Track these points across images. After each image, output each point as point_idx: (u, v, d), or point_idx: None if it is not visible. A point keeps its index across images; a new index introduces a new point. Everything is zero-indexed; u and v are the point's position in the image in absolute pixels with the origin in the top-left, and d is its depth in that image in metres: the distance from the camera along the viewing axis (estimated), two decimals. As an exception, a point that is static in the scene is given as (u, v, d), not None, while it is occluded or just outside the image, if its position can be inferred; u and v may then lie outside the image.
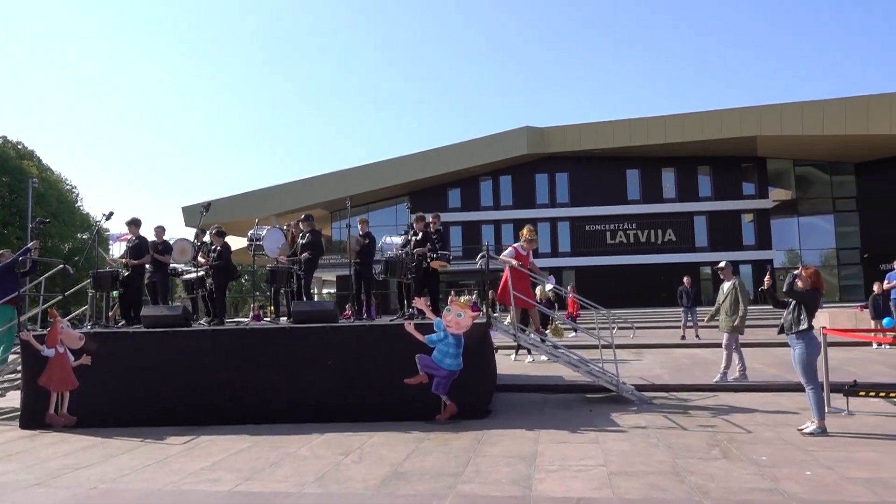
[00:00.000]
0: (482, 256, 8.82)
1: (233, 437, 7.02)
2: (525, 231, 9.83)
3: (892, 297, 13.98)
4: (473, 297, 17.57)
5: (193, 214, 39.79)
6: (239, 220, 36.06)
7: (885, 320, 12.26)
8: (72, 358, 7.89)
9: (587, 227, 39.22)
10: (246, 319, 16.59)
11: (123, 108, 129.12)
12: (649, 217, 38.74)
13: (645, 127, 36.56)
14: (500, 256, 9.33)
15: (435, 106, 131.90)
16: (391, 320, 8.89)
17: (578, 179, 39.67)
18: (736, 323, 9.53)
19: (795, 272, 6.67)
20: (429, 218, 10.25)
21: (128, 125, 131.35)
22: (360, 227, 10.61)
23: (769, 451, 5.72)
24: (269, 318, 10.77)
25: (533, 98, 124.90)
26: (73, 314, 10.91)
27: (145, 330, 8.22)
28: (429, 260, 9.50)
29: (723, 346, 9.66)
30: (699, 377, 10.07)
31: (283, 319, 10.12)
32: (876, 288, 14.35)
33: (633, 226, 38.90)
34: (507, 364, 12.75)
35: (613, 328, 9.03)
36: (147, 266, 9.75)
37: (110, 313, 11.21)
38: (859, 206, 38.56)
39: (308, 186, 39.47)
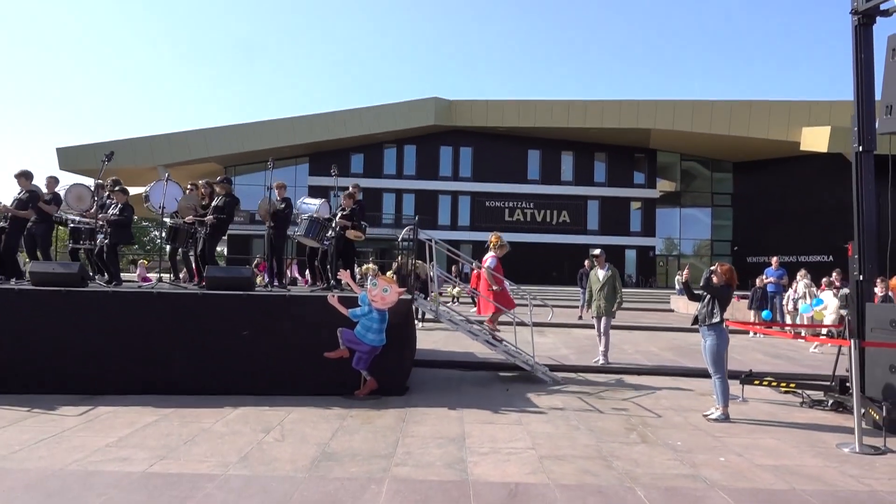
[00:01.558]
0: (410, 230, 8.64)
1: (136, 409, 6.49)
2: (494, 238, 9.86)
3: (768, 290, 15.29)
4: (373, 266, 17.31)
5: (71, 156, 36.45)
6: (123, 169, 33.42)
7: (764, 313, 13.43)
8: (-57, 315, 6.96)
9: (487, 203, 39.91)
10: (133, 277, 15.46)
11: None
12: (547, 198, 40.01)
13: (549, 109, 37.45)
14: (484, 267, 9.43)
15: (342, 68, 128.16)
16: (311, 291, 8.54)
17: (482, 155, 40.18)
18: (614, 308, 10.15)
19: (712, 268, 7.04)
20: (350, 189, 9.87)
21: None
22: (277, 191, 10.03)
23: (682, 436, 6.06)
24: (169, 280, 10.00)
25: (442, 69, 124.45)
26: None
27: (33, 288, 7.38)
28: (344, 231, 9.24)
29: (601, 330, 10.19)
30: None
31: (187, 283, 9.49)
32: (758, 282, 15.63)
33: (531, 205, 40.03)
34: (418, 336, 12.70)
35: (531, 307, 9.17)
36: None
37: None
38: (734, 202, 41.82)
39: (201, 138, 37.14)
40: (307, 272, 10.51)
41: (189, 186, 9.88)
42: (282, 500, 4.20)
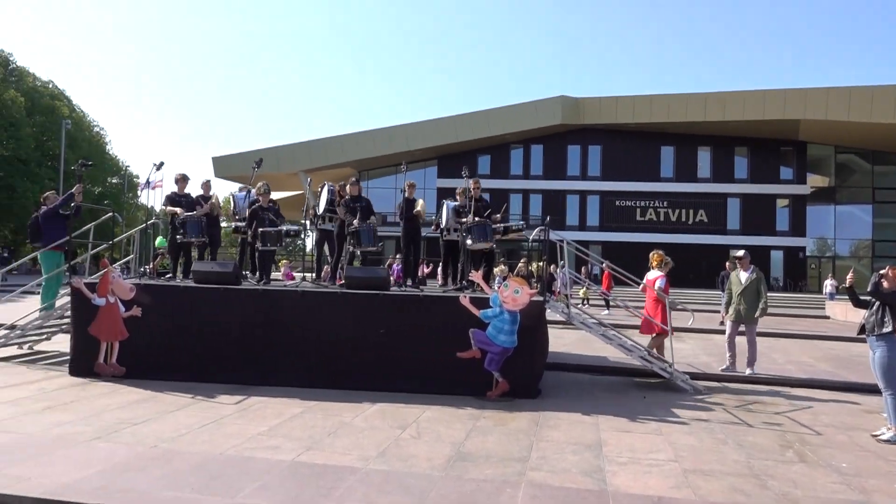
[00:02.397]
0: (541, 230, 8.52)
1: (283, 401, 6.91)
2: (657, 257, 9.66)
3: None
4: (504, 267, 17.26)
5: (224, 165, 39.69)
6: (267, 175, 35.90)
7: None
8: (122, 308, 7.81)
9: (617, 203, 38.63)
10: (278, 275, 16.55)
11: (149, 52, 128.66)
12: (682, 196, 38.02)
13: (684, 103, 35.56)
14: (656, 288, 9.20)
15: (469, 70, 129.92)
16: (444, 291, 8.68)
17: (611, 153, 38.97)
18: (757, 314, 9.33)
19: (882, 272, 6.32)
20: (470, 183, 9.79)
21: (155, 68, 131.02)
22: (408, 190, 10.29)
23: (847, 457, 5.48)
24: (310, 280, 10.58)
25: (569, 66, 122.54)
26: (117, 263, 10.84)
27: (196, 285, 8.09)
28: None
29: (744, 337, 9.42)
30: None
31: (327, 282, 9.97)
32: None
33: (665, 204, 38.23)
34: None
35: (669, 312, 8.74)
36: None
37: (152, 264, 11.12)
38: (901, 198, 37.49)
39: (337, 144, 39.09)
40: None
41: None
42: (420, 498, 4.26)
